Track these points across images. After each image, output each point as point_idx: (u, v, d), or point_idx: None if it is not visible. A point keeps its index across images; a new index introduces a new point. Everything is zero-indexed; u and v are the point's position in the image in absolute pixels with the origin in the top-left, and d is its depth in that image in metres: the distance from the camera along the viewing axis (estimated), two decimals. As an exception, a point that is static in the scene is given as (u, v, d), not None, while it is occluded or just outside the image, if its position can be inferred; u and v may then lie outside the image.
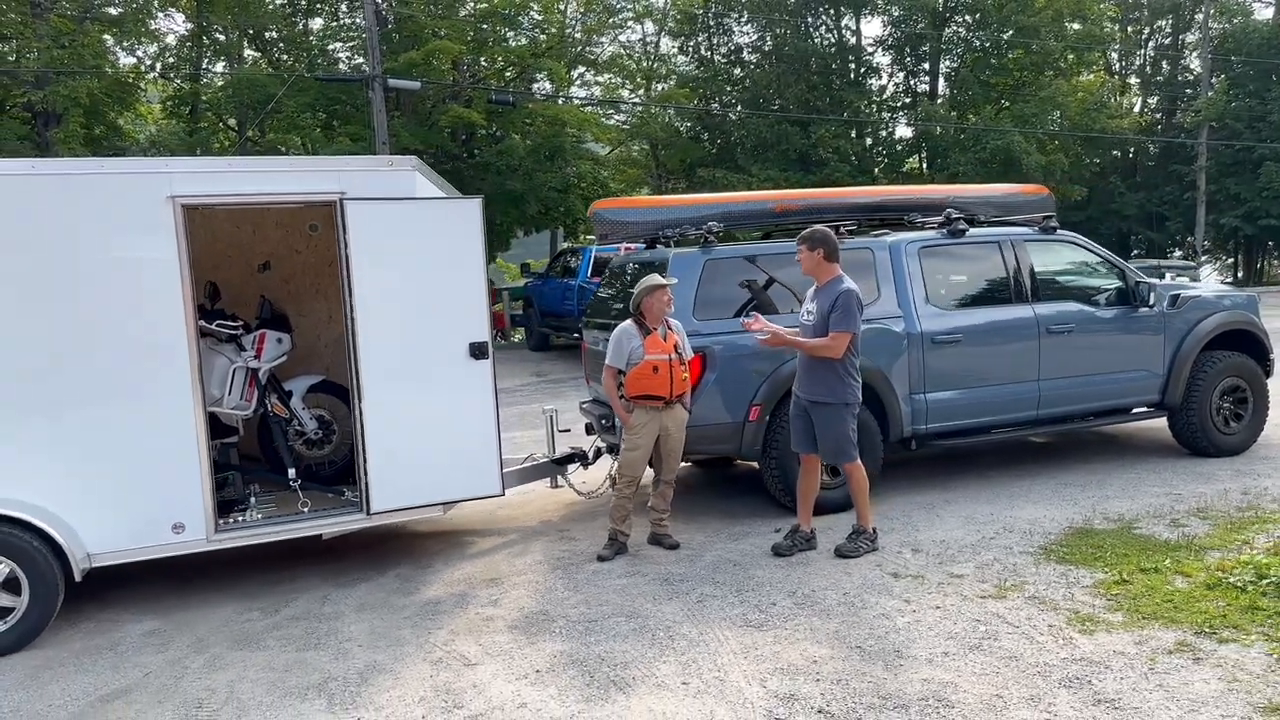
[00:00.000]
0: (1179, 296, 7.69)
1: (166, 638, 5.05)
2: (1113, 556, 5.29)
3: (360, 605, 5.35)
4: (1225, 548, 5.34)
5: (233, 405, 6.07)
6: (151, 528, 5.31)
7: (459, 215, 5.81)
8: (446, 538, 6.65)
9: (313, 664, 4.54)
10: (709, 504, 7.16)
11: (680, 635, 4.54)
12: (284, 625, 5.12)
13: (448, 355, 5.77)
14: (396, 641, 4.75)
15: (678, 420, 5.92)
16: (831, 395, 5.61)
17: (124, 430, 5.21)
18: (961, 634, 4.33)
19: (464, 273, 5.80)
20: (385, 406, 5.63)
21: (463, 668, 4.36)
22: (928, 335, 6.91)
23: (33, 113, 20.22)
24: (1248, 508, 6.20)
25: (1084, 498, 6.71)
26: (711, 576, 5.42)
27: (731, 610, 4.84)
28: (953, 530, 6.07)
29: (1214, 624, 4.20)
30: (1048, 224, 7.57)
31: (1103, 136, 27.53)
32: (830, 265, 5.66)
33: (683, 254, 6.68)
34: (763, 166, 26.14)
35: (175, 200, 5.24)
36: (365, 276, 5.54)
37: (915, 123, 28.24)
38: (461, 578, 5.72)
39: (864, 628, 4.48)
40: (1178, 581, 4.82)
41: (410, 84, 18.22)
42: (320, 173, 5.61)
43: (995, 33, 27.70)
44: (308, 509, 5.83)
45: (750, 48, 31.28)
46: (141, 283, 5.21)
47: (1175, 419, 7.79)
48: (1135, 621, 4.34)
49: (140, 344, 5.22)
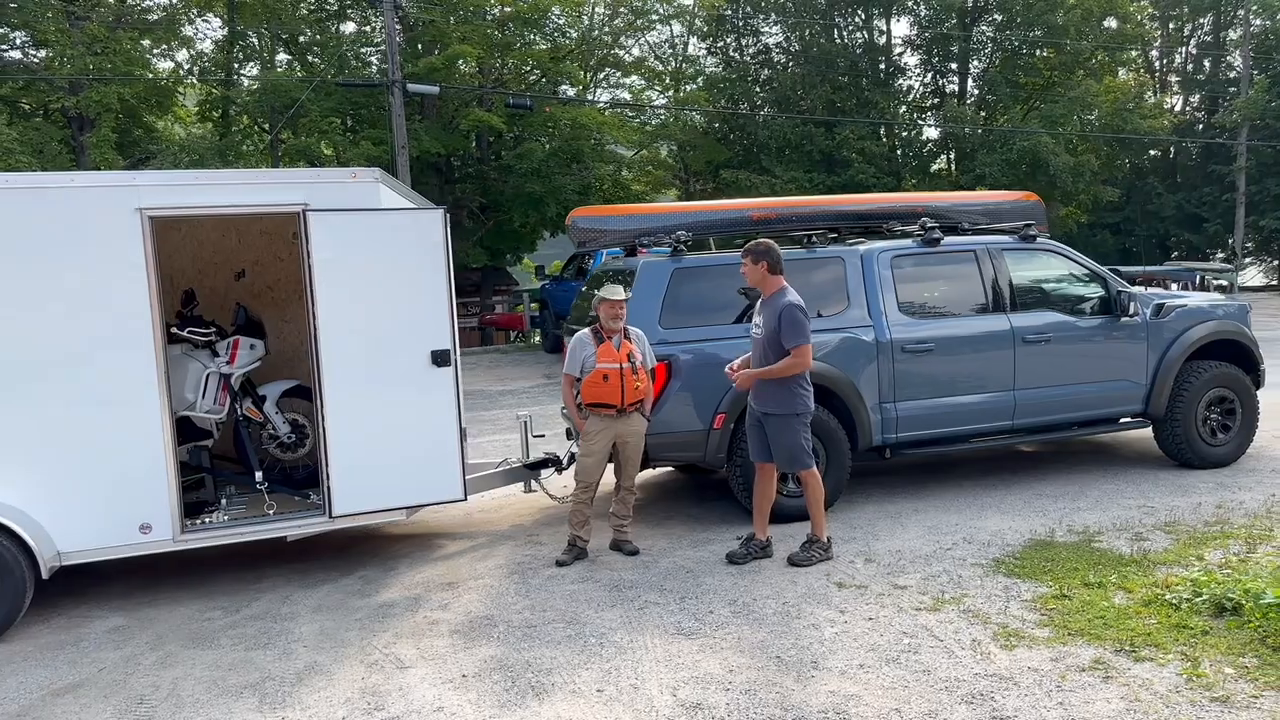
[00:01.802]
0: (1163, 306, 7.60)
1: (128, 634, 5.24)
2: (1062, 570, 5.27)
3: (318, 606, 5.50)
4: (1177, 563, 5.29)
5: (206, 409, 6.26)
6: (119, 528, 5.51)
7: (421, 225, 5.93)
8: (417, 540, 6.79)
9: (257, 663, 4.69)
10: (678, 509, 7.23)
11: (611, 642, 4.62)
12: (241, 624, 5.28)
13: (409, 363, 5.90)
14: (341, 643, 4.88)
15: (634, 429, 5.99)
16: (781, 406, 5.64)
17: (93, 433, 5.41)
18: (884, 646, 4.36)
19: (427, 282, 5.92)
20: (347, 412, 5.77)
21: (395, 670, 4.47)
22: (898, 344, 6.91)
23: (68, 117, 20.85)
24: (1216, 522, 6.13)
25: (1055, 509, 6.67)
26: (661, 583, 5.49)
27: (669, 618, 4.91)
28: (912, 540, 6.07)
29: (1136, 642, 4.18)
30: (1027, 232, 7.51)
31: (1135, 137, 26.99)
32: (774, 278, 5.69)
33: (651, 262, 6.75)
34: (786, 168, 26.03)
35: (143, 212, 5.43)
36: (327, 285, 5.68)
37: (942, 124, 27.94)
38: (421, 581, 5.85)
39: (790, 638, 4.52)
40: (1118, 597, 4.79)
41: (429, 88, 18.48)
42: (283, 185, 5.77)
43: (1024, 32, 27.30)
44: (273, 512, 5.99)
45: (778, 48, 31.17)
46: (111, 291, 5.41)
47: (1160, 430, 7.70)
48: (1060, 637, 4.33)
49: (109, 350, 5.41)
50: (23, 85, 20.54)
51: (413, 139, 20.04)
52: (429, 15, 20.97)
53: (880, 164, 26.61)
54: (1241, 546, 5.52)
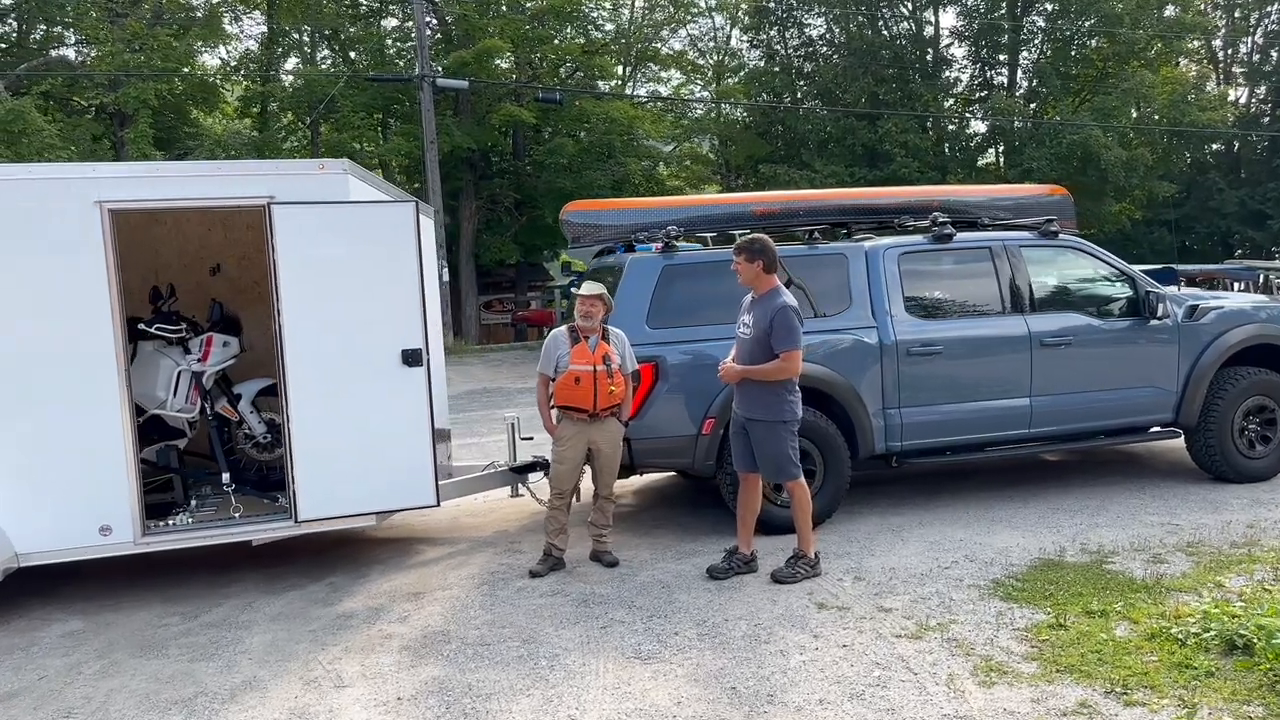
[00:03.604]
0: (1196, 307, 7.07)
1: (80, 640, 5.07)
2: (1064, 595, 4.84)
3: (278, 614, 5.29)
4: (1194, 590, 4.83)
5: (177, 408, 6.09)
6: (78, 529, 5.36)
7: (392, 219, 5.69)
8: (396, 545, 6.57)
9: (196, 677, 4.48)
10: (670, 517, 6.91)
11: (562, 666, 4.32)
12: (195, 632, 5.09)
13: (379, 362, 5.66)
14: (287, 656, 4.66)
15: (609, 434, 5.68)
16: (768, 413, 5.29)
17: (52, 432, 5.27)
18: (851, 679, 3.99)
19: (397, 278, 5.67)
20: (313, 413, 5.56)
21: (331, 690, 4.23)
22: (903, 347, 6.50)
23: (108, 114, 21.15)
24: (1244, 543, 5.63)
25: (1071, 525, 6.22)
26: (633, 600, 5.18)
27: (630, 639, 4.59)
28: (910, 557, 5.68)
29: (1130, 682, 3.76)
30: (1047, 228, 7.03)
31: (1194, 130, 25.87)
32: (769, 277, 5.33)
33: (639, 259, 6.43)
34: (827, 162, 25.48)
35: (103, 205, 5.26)
36: (293, 281, 5.47)
37: (989, 117, 27.08)
38: (388, 590, 5.61)
39: (753, 665, 4.18)
40: (1120, 629, 4.37)
41: (458, 83, 18.34)
42: (248, 177, 5.56)
43: (1078, 21, 26.33)
44: (239, 515, 5.80)
45: (822, 40, 30.55)
46: (69, 287, 5.25)
47: (1192, 440, 7.18)
48: (1046, 674, 3.92)
49: (67, 347, 5.26)
50: (66, 82, 20.86)
51: (444, 134, 19.95)
52: (462, 9, 20.82)
53: (925, 158, 25.91)
54: (1268, 573, 5.04)
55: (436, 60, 19.32)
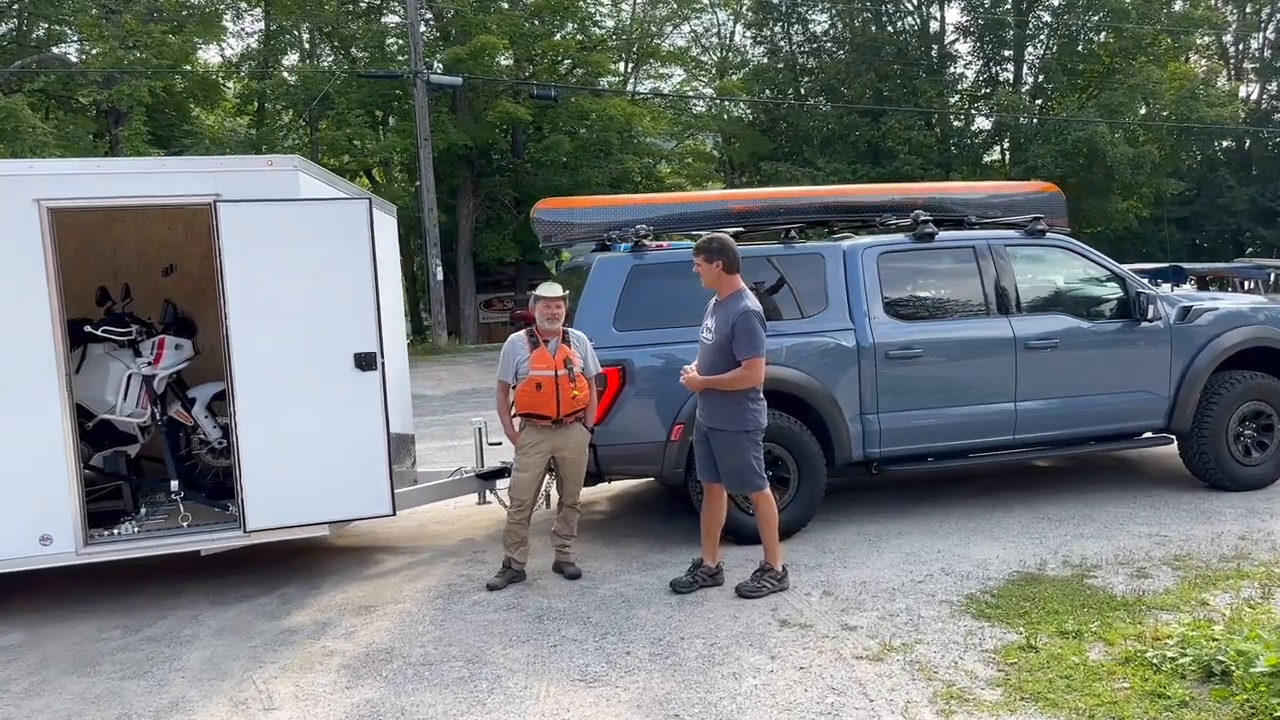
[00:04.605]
0: (1190, 309, 6.80)
1: (15, 655, 4.89)
2: (1039, 613, 4.60)
3: (222, 629, 5.09)
4: (1177, 608, 4.58)
5: (127, 413, 5.90)
6: (17, 540, 5.18)
7: (343, 217, 5.48)
8: (355, 554, 6.37)
9: (124, 696, 4.28)
10: (642, 525, 6.69)
11: (503, 688, 4.10)
12: (134, 647, 4.89)
13: (330, 367, 5.46)
14: (222, 675, 4.45)
15: (574, 441, 5.46)
16: (729, 422, 5.06)
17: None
18: (802, 706, 3.76)
19: (350, 279, 5.47)
20: (261, 419, 5.36)
21: (260, 712, 4.02)
22: (882, 349, 6.26)
23: (103, 111, 21.04)
24: (1235, 556, 5.37)
25: (1054, 535, 5.97)
26: (589, 615, 4.95)
27: (579, 659, 4.37)
28: (883, 570, 5.44)
29: (1096, 713, 3.52)
30: (1034, 226, 6.78)
31: (1202, 126, 25.47)
32: (731, 278, 5.10)
33: (606, 259, 6.21)
34: (829, 160, 25.19)
35: (41, 203, 5.07)
36: (241, 282, 5.27)
37: (994, 113, 26.72)
38: (339, 603, 5.40)
39: (702, 690, 3.95)
40: (1094, 651, 4.12)
41: (452, 80, 18.13)
42: (194, 174, 5.36)
43: (1083, 16, 25.95)
44: (188, 523, 5.61)
45: (826, 36, 30.24)
46: (6, 288, 5.06)
47: (1185, 446, 6.91)
48: (1009, 702, 3.68)
49: (4, 350, 5.07)
50: (62, 80, 20.75)
51: (440, 131, 19.75)
52: (458, 5, 20.62)
53: (929, 155, 25.60)
54: (1255, 590, 4.78)
55: (433, 57, 19.12)
